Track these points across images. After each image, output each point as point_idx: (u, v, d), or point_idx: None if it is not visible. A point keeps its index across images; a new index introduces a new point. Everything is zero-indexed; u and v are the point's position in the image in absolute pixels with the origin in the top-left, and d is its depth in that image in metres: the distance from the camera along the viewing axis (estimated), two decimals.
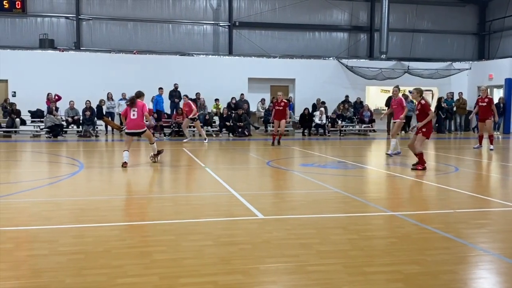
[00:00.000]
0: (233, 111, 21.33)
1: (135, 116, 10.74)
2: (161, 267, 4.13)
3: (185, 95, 18.41)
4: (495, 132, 22.67)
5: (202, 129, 18.23)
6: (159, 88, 20.60)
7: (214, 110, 22.02)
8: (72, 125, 20.19)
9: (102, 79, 21.59)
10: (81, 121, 19.89)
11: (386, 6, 25.35)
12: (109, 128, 20.65)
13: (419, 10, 27.08)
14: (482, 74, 24.98)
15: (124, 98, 20.72)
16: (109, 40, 24.66)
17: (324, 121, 22.00)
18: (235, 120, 20.77)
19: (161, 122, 20.30)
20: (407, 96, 17.42)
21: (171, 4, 25.28)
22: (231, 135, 20.62)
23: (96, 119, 20.02)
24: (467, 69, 25.82)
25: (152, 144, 11.48)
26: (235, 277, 3.88)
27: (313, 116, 22.09)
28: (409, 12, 27.42)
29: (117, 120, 20.94)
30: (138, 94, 11.22)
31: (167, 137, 19.34)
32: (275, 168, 10.78)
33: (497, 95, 24.11)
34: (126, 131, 11.09)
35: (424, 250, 4.61)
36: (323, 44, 26.98)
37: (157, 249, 4.61)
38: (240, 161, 12.56)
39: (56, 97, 19.89)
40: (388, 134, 22.27)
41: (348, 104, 23.44)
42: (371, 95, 25.80)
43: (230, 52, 25.65)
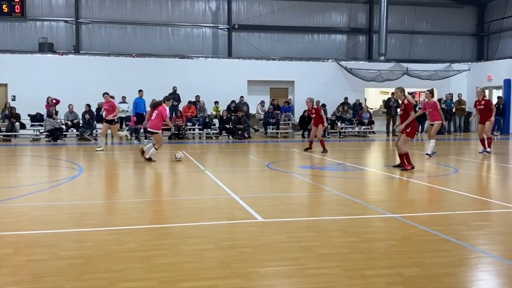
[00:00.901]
0: (233, 114, 21.35)
1: (154, 117, 12.14)
2: (161, 271, 4.13)
3: (105, 93, 15.68)
4: (494, 133, 22.70)
5: (119, 132, 16.85)
6: (139, 91, 20.28)
7: (214, 113, 22.05)
8: (72, 129, 20.19)
9: (102, 83, 21.54)
10: (81, 125, 19.89)
11: (385, 8, 25.40)
12: (109, 132, 20.63)
13: (418, 12, 27.12)
14: (481, 75, 25.02)
15: (124, 102, 20.74)
16: (108, 44, 24.69)
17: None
18: (235, 123, 20.79)
19: (141, 125, 19.79)
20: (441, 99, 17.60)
21: (170, 7, 25.32)
22: (231, 138, 20.64)
23: (96, 123, 20.02)
24: (466, 70, 25.86)
25: (155, 149, 11.98)
26: (235, 281, 3.88)
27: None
28: (408, 14, 27.46)
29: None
30: (164, 99, 12.66)
31: (146, 141, 18.86)
32: (275, 171, 10.78)
33: (496, 96, 24.14)
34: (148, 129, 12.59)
35: (424, 253, 4.61)
36: (322, 46, 27.02)
37: (157, 253, 4.61)
38: (240, 164, 12.57)
39: (55, 101, 19.90)
40: (387, 135, 22.33)
41: (347, 106, 23.48)
42: (370, 97, 25.84)
43: (230, 55, 25.68)
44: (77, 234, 5.37)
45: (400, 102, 10.74)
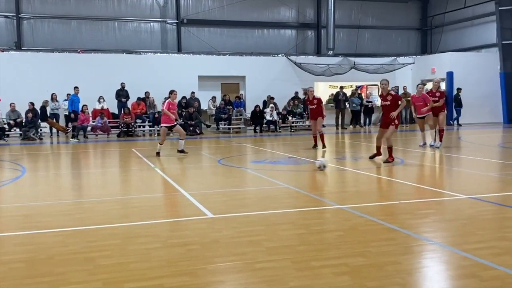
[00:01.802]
0: (184, 110, 21.11)
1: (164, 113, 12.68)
2: (106, 273, 4.01)
3: None
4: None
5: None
6: (75, 87, 19.61)
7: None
8: (15, 128, 19.37)
9: (46, 80, 20.84)
10: (24, 124, 19.12)
11: (332, 3, 25.81)
12: (54, 130, 19.98)
13: (364, 7, 27.73)
14: (425, 68, 25.87)
15: (57, 100, 20.03)
16: (52, 39, 23.85)
17: (275, 118, 22.15)
18: (186, 119, 20.57)
19: (77, 123, 19.01)
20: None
21: (116, 2, 24.73)
22: None
23: (40, 121, 19.31)
24: (411, 64, 26.66)
25: (181, 140, 12.89)
26: (182, 279, 3.82)
27: (264, 113, 22.21)
28: (354, 9, 28.02)
29: (62, 122, 20.32)
30: (169, 93, 13.17)
31: (76, 140, 18.36)
32: (226, 166, 10.74)
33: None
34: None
35: (370, 242, 4.70)
36: (272, 41, 27.16)
37: (102, 254, 4.48)
38: (191, 160, 12.44)
39: None
40: (337, 128, 22.73)
41: (298, 100, 23.71)
42: (320, 91, 26.19)
43: (179, 50, 25.38)
44: (20, 237, 5.16)
45: (385, 94, 10.72)
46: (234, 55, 25.01)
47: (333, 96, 24.02)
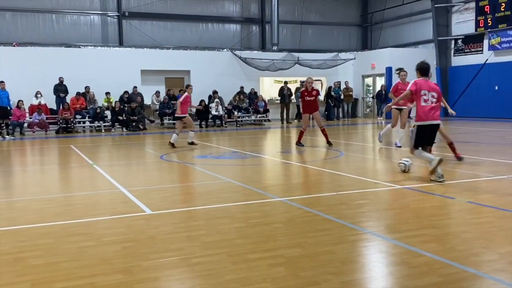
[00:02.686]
0: (126, 105, 20.66)
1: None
2: (35, 273, 3.86)
3: None
4: (379, 118, 24.31)
5: None
6: (0, 82, 18.78)
7: (106, 104, 21.16)
8: None
9: None
10: None
11: None
12: None
13: (307, 3, 28.11)
14: (366, 64, 26.59)
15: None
16: None
17: (221, 113, 22.10)
18: (128, 114, 20.14)
19: (8, 120, 18.19)
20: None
21: None
22: (125, 130, 19.97)
23: None
24: (352, 59, 27.31)
25: (192, 132, 13.66)
26: (115, 277, 3.73)
27: (210, 108, 22.10)
28: (298, 5, 28.35)
29: None
30: (186, 87, 14.14)
31: (10, 137, 17.69)
32: (169, 162, 10.61)
33: (379, 83, 25.80)
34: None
35: (306, 233, 4.78)
36: (217, 36, 27.03)
37: (32, 254, 4.31)
38: (132, 157, 12.20)
39: None
40: (282, 123, 22.98)
41: (243, 95, 23.76)
42: (265, 86, 26.39)
43: (121, 44, 24.78)
44: None
45: (310, 90, 11.92)
46: (178, 49, 24.70)
47: (278, 92, 24.26)
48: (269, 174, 9.12)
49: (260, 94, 24.46)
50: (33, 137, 17.93)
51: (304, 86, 12.82)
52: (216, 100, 22.15)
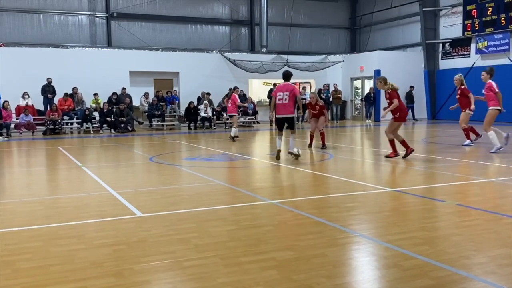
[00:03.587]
0: (114, 106, 20.53)
1: (229, 104, 16.12)
2: (25, 276, 3.81)
3: None
4: (367, 120, 24.46)
5: None
6: None
7: (94, 105, 21.02)
8: None
9: None
10: None
11: (265, 1, 26.05)
12: None
13: (296, 5, 28.18)
14: (354, 66, 26.74)
15: None
16: None
17: (210, 114, 22.06)
18: (117, 116, 20.02)
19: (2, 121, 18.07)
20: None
21: None
22: (113, 131, 19.85)
23: None
24: (341, 62, 27.45)
25: (234, 128, 15.33)
26: (107, 280, 3.70)
27: (199, 110, 22.05)
28: (287, 7, 28.42)
29: None
30: (234, 89, 17.88)
31: (4, 138, 17.54)
32: (159, 164, 10.56)
33: (368, 86, 25.95)
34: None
35: (298, 236, 4.79)
36: (206, 38, 26.99)
37: (22, 257, 4.26)
38: (121, 158, 12.13)
39: None
40: (271, 125, 22.98)
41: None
42: (254, 88, 26.41)
43: (109, 44, 24.63)
44: None
45: (313, 104, 12.17)
46: (167, 51, 24.63)
47: (268, 93, 24.26)
48: (259, 176, 9.12)
49: (249, 96, 24.47)
50: (20, 138, 17.74)
51: (308, 101, 13.20)
52: (205, 102, 22.11)
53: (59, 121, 19.39)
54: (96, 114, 20.61)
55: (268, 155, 11.75)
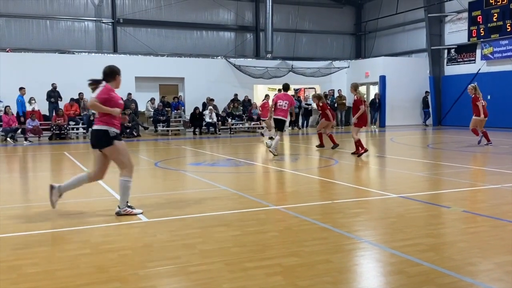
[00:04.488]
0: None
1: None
2: (31, 281, 3.83)
3: None
4: (372, 126, 24.42)
5: None
6: (21, 88, 18.96)
7: None
8: None
9: None
10: None
11: (270, 7, 26.13)
12: None
13: (301, 11, 28.26)
14: (359, 72, 26.73)
15: None
16: None
17: (215, 120, 22.11)
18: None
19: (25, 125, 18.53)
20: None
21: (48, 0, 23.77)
22: None
23: None
24: (346, 67, 27.46)
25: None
26: (112, 285, 3.71)
27: (204, 115, 22.10)
28: (292, 13, 28.50)
29: None
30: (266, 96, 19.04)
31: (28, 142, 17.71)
32: (164, 169, 10.58)
33: (373, 92, 25.93)
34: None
35: (303, 242, 4.78)
36: (211, 43, 27.09)
37: (28, 262, 4.28)
38: None
39: None
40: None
41: (237, 103, 23.79)
42: (259, 93, 26.45)
43: (115, 50, 24.76)
44: None
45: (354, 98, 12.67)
46: (173, 56, 24.73)
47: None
48: (264, 182, 9.12)
49: (254, 102, 24.50)
50: (26, 144, 17.82)
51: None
52: (210, 107, 22.17)
53: (65, 126, 19.47)
54: None
55: (273, 161, 11.75)
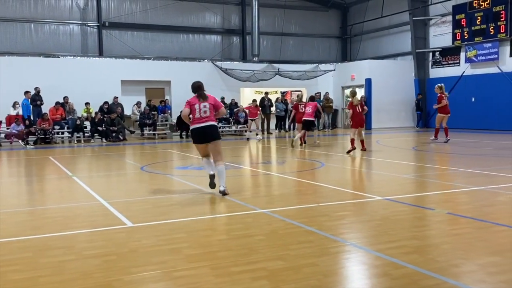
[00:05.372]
0: (106, 115, 20.47)
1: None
2: None
3: None
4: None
5: None
6: (26, 92, 18.96)
7: (85, 115, 20.95)
8: None
9: None
10: None
11: (256, 10, 26.19)
12: None
13: (287, 15, 28.37)
14: (345, 75, 26.90)
15: None
16: None
17: None
18: (108, 125, 19.96)
19: (32, 129, 18.66)
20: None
21: (33, 2, 23.58)
22: (104, 141, 19.78)
23: None
24: (332, 70, 27.61)
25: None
26: None
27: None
28: (278, 16, 28.59)
29: None
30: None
31: (31, 146, 17.83)
32: (150, 173, 10.53)
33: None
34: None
35: (289, 245, 4.79)
36: (198, 47, 27.06)
37: (11, 269, 4.23)
38: (112, 168, 12.08)
39: None
40: (262, 133, 23.00)
41: (224, 106, 23.77)
42: (246, 97, 26.45)
43: (101, 54, 24.60)
44: None
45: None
46: (159, 60, 24.66)
47: (259, 102, 24.34)
48: (250, 185, 9.12)
49: (241, 105, 24.50)
50: (11, 148, 17.63)
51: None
52: None
53: (50, 131, 19.29)
54: (87, 123, 20.53)
55: (259, 164, 11.77)
